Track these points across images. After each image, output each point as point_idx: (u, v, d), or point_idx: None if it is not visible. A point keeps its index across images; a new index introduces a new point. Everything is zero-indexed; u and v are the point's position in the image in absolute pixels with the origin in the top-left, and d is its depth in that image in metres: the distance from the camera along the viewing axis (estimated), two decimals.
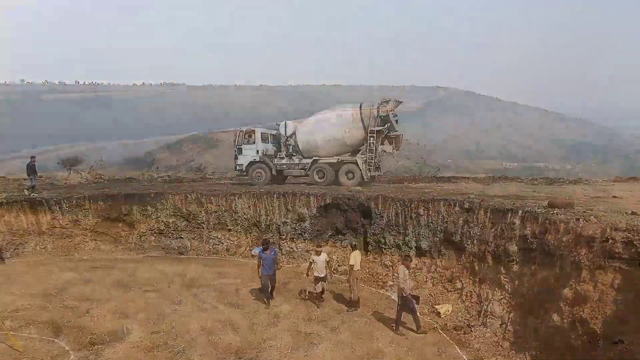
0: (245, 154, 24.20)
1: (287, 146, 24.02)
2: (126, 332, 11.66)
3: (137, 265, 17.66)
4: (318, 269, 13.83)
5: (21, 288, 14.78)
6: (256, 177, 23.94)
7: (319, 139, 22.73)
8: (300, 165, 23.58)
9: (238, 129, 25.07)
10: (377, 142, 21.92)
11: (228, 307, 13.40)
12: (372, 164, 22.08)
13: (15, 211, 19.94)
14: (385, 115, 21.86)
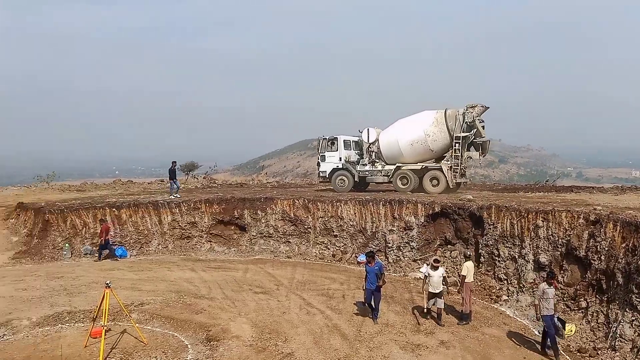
0: (328, 161, 24.65)
1: (369, 153, 24.10)
2: (238, 330, 12.11)
3: (247, 267, 18.40)
4: (434, 285, 12.88)
5: (146, 284, 16.00)
6: (339, 184, 24.20)
7: (402, 145, 22.56)
8: (383, 172, 23.54)
9: (321, 137, 25.33)
10: (463, 148, 21.62)
11: (335, 312, 13.41)
12: (457, 171, 21.75)
13: (141, 212, 21.71)
14: (471, 121, 21.41)
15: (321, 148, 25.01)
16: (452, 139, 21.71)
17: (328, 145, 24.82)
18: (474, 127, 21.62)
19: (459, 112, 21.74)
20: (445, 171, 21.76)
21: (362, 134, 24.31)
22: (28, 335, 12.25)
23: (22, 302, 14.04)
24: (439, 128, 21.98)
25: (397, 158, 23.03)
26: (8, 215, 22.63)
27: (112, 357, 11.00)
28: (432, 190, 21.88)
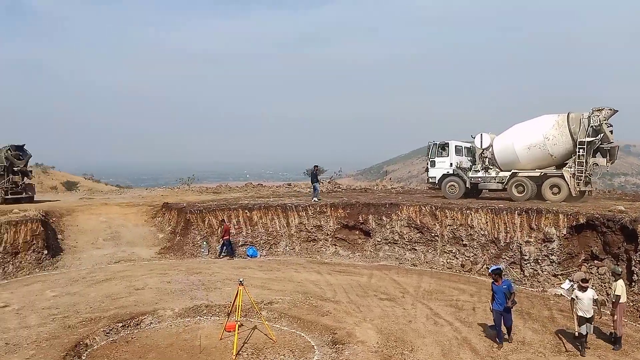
0: (439, 166, 24.08)
1: (482, 159, 23.42)
2: (363, 336, 12.02)
3: (372, 273, 18.29)
4: (583, 308, 11.26)
5: (274, 284, 16.62)
6: (449, 190, 23.51)
7: (519, 150, 21.50)
8: (497, 179, 22.57)
9: (431, 142, 24.78)
10: (588, 154, 20.18)
11: (465, 325, 12.75)
12: (581, 178, 20.31)
13: (271, 214, 22.68)
14: (597, 125, 20.01)
15: (431, 153, 24.60)
16: (575, 144, 20.35)
17: (439, 150, 24.35)
18: (601, 132, 20.17)
19: (583, 116, 20.39)
20: (568, 178, 20.43)
21: (475, 140, 23.59)
22: (171, 325, 13.35)
23: (167, 294, 15.35)
24: (560, 132, 20.66)
25: (513, 164, 21.96)
26: (155, 214, 25.01)
27: (244, 351, 11.53)
28: (553, 198, 20.61)
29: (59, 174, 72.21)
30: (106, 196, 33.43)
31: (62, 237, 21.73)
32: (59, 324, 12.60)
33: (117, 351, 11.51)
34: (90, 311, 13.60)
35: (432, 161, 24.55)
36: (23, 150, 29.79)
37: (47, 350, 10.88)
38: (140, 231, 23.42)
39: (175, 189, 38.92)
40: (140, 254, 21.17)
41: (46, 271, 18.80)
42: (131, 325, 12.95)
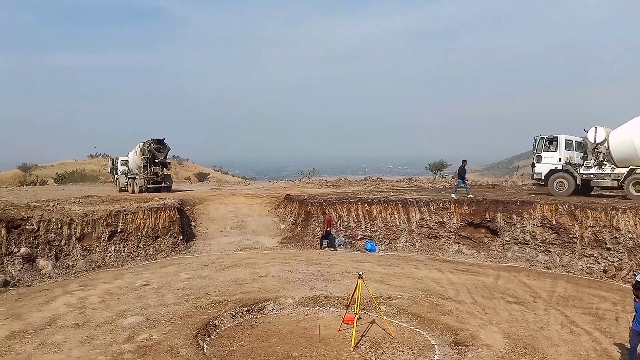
0: (545, 161, 23.08)
1: (596, 154, 22.05)
2: (488, 339, 11.29)
3: (498, 274, 17.20)
4: None
5: (393, 279, 16.32)
6: (557, 187, 22.53)
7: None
8: (612, 176, 21.20)
9: (538, 136, 23.63)
10: None
11: (605, 336, 11.41)
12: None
13: (391, 209, 22.36)
14: None
15: (538, 148, 23.44)
16: None
17: (546, 145, 23.17)
18: None
19: None
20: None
21: (588, 134, 22.13)
22: (292, 312, 13.67)
23: (288, 282, 15.78)
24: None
25: (632, 160, 20.36)
26: (278, 205, 25.94)
27: (362, 344, 11.42)
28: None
29: (192, 165, 78.42)
30: (233, 187, 35.50)
31: (195, 224, 23.42)
32: (192, 304, 13.52)
33: (242, 333, 12.05)
34: (218, 294, 14.43)
35: (538, 156, 23.46)
36: (163, 144, 32.69)
37: (181, 328, 11.71)
38: (263, 221, 24.45)
39: (297, 182, 40.20)
40: (263, 242, 22.10)
41: (181, 255, 20.42)
42: (255, 310, 13.49)
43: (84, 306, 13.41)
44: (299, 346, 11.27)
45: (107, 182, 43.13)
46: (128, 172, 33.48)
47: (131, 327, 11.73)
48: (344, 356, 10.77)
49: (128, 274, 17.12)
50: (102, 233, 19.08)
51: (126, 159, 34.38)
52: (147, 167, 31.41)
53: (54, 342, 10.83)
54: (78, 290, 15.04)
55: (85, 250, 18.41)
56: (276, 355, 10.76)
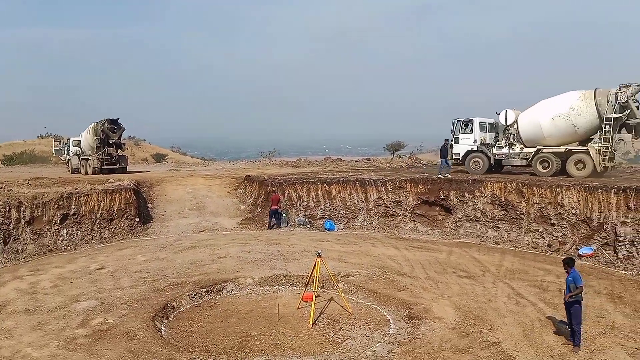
0: (462, 143, 24.39)
1: (507, 135, 23.70)
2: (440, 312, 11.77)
3: (451, 250, 17.82)
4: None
5: (351, 257, 16.67)
6: (473, 167, 23.94)
7: (545, 127, 21.61)
8: (521, 155, 22.84)
9: (455, 119, 24.91)
10: (614, 130, 20.30)
11: (549, 307, 12.07)
12: (606, 154, 20.51)
13: (349, 189, 22.67)
14: (624, 101, 20.17)
15: (455, 130, 24.73)
16: (601, 120, 20.40)
17: (462, 127, 24.54)
18: (628, 108, 20.24)
19: (610, 92, 20.43)
20: (593, 154, 20.56)
21: (500, 116, 23.70)
22: (251, 292, 13.83)
23: (247, 263, 15.89)
24: (586, 108, 20.72)
25: (538, 140, 22.11)
26: (238, 186, 25.86)
27: (320, 321, 11.71)
28: (577, 174, 20.77)
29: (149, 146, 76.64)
30: (192, 168, 35.09)
31: (152, 206, 23.11)
32: (149, 286, 13.46)
33: (201, 314, 12.13)
34: (176, 276, 14.40)
35: (456, 138, 24.72)
36: (117, 124, 31.89)
37: (138, 311, 11.67)
38: (223, 202, 24.35)
39: (257, 163, 40.05)
40: (223, 224, 22.05)
41: (137, 237, 20.15)
42: (214, 291, 13.57)
43: (35, 291, 13.13)
44: (258, 325, 11.45)
45: (59, 163, 41.78)
46: (80, 153, 32.56)
47: (85, 312, 11.59)
48: (302, 333, 11.03)
49: (82, 258, 16.81)
50: (53, 216, 18.58)
51: (78, 139, 33.39)
52: (100, 147, 30.62)
53: (4, 329, 10.62)
54: (28, 275, 14.68)
55: (35, 234, 17.90)
56: (235, 334, 10.91)
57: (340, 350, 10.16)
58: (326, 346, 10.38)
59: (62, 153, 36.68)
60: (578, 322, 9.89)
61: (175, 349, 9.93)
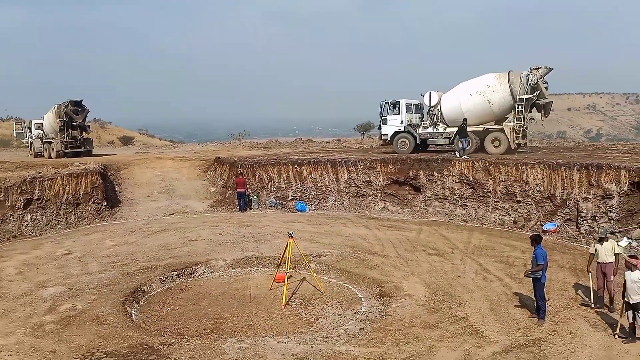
0: (390, 124, 25.08)
1: (431, 116, 24.50)
2: (411, 289, 12.00)
3: (421, 228, 18.12)
4: (631, 290, 9.26)
5: (323, 237, 16.78)
6: (400, 146, 24.62)
7: (465, 107, 22.69)
8: (444, 134, 23.77)
9: (383, 101, 25.47)
10: (526, 109, 21.85)
11: (515, 281, 12.45)
12: (519, 132, 22.13)
13: (320, 170, 22.71)
14: (535, 83, 21.62)
15: (383, 112, 25.36)
16: (515, 100, 21.78)
17: (390, 108, 25.19)
18: (538, 89, 21.76)
19: (522, 74, 21.83)
20: (508, 133, 21.97)
21: (424, 97, 24.52)
22: (223, 275, 13.82)
23: (218, 245, 15.83)
24: (500, 86, 22.01)
25: (459, 120, 22.78)
26: (207, 168, 25.60)
27: (292, 301, 11.82)
28: (494, 151, 22.11)
29: (115, 129, 74.93)
30: (160, 150, 34.53)
31: (120, 189, 22.69)
32: (118, 271, 13.28)
33: (172, 298, 12.07)
34: (147, 260, 14.24)
35: (384, 119, 25.37)
36: (81, 106, 30.98)
37: (107, 296, 11.52)
38: (193, 185, 24.09)
39: (227, 144, 39.68)
40: (193, 206, 21.84)
41: (105, 222, 19.79)
42: (185, 274, 13.51)
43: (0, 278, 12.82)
44: (230, 307, 11.47)
45: (21, 147, 40.52)
46: (43, 136, 31.60)
47: (52, 298, 11.38)
48: (275, 314, 11.12)
49: (48, 243, 16.44)
50: (16, 201, 18.07)
51: (41, 122, 32.38)
52: (64, 130, 29.76)
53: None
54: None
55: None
56: (208, 317, 10.91)
57: (313, 329, 10.29)
58: (299, 326, 10.49)
59: (24, 136, 35.58)
60: (541, 296, 10.24)
61: (147, 333, 9.87)
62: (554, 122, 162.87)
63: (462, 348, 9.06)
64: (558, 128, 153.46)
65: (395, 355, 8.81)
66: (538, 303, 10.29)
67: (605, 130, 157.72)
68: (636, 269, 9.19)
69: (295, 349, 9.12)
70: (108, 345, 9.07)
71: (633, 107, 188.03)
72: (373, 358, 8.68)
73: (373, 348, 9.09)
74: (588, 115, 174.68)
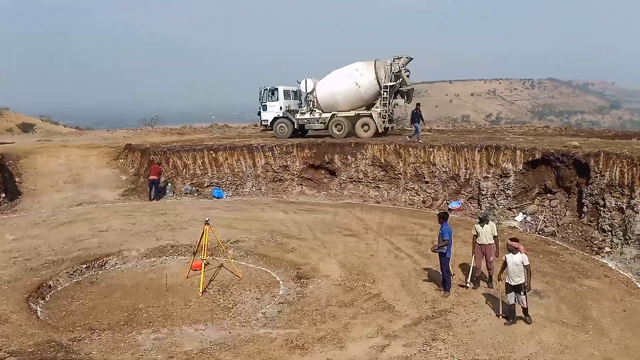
0: (270, 110, 26.17)
1: (307, 102, 25.58)
2: (327, 270, 12.38)
3: (337, 211, 18.62)
4: (513, 274, 9.43)
5: (241, 223, 16.75)
6: (279, 131, 25.79)
7: (337, 94, 24.00)
8: (320, 120, 24.97)
9: (262, 87, 26.39)
10: (390, 96, 23.48)
11: (424, 257, 13.24)
12: (385, 117, 23.75)
13: (237, 155, 22.52)
14: (397, 71, 23.16)
15: (263, 98, 26.22)
16: (381, 87, 23.25)
17: (269, 95, 26.10)
18: (400, 77, 23.40)
19: (386, 63, 23.26)
20: (375, 117, 23.52)
21: (301, 84, 25.38)
22: (137, 265, 13.43)
23: (131, 235, 15.32)
24: (368, 75, 23.38)
25: (333, 106, 24.41)
26: (118, 156, 24.49)
27: (210, 288, 11.78)
28: (364, 135, 23.61)
29: (13, 115, 69.21)
30: (65, 138, 32.49)
31: (20, 180, 21.15)
32: (21, 266, 12.48)
33: (82, 292, 11.57)
34: (52, 254, 13.48)
35: (264, 105, 26.28)
36: None
37: (8, 293, 10.83)
38: (102, 173, 22.97)
39: (138, 131, 38.06)
40: (103, 196, 20.86)
41: (4, 215, 18.35)
42: (95, 267, 12.98)
43: None
44: (145, 298, 11.22)
45: None
46: None
47: None
48: (192, 302, 11.03)
49: None
50: None
51: None
52: None
53: None
54: None
55: None
56: (121, 309, 10.60)
57: (231, 314, 10.35)
58: (217, 312, 10.51)
59: None
60: (447, 270, 10.98)
61: (54, 329, 9.44)
62: (459, 106, 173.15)
63: (376, 323, 9.57)
64: (462, 112, 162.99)
65: (312, 334, 9.13)
66: (444, 277, 11.03)
67: (504, 114, 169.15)
68: (517, 252, 9.46)
69: (213, 335, 9.16)
70: (12, 344, 8.60)
71: (529, 92, 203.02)
72: (291, 339, 8.94)
73: (291, 329, 9.36)
74: (489, 100, 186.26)
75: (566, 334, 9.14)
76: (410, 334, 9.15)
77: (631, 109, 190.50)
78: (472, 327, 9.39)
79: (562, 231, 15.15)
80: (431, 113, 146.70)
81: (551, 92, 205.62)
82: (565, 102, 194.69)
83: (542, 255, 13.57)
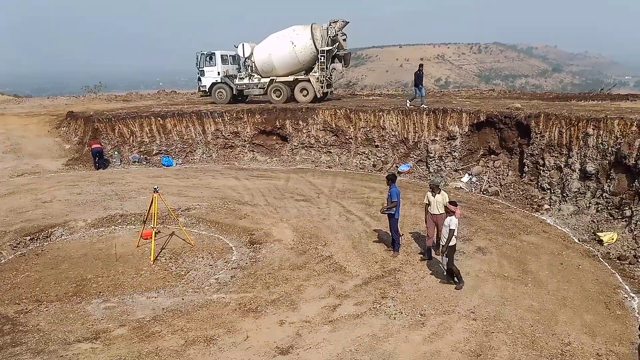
0: (208, 75, 25.56)
1: (246, 67, 25.24)
2: (280, 235, 12.52)
3: (289, 176, 18.69)
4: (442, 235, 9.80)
5: (191, 191, 16.57)
6: (218, 97, 25.41)
7: (275, 59, 23.71)
8: (259, 85, 24.80)
9: (199, 52, 25.83)
10: (328, 60, 23.42)
11: (374, 219, 13.57)
12: (323, 82, 23.63)
13: (186, 122, 22.05)
14: (334, 35, 23.12)
15: (200, 63, 25.65)
16: (318, 52, 23.08)
17: (206, 60, 25.57)
18: (337, 41, 23.32)
19: (323, 27, 23.05)
20: (313, 82, 23.32)
21: (238, 49, 24.92)
22: (84, 236, 13.12)
23: (77, 205, 14.89)
24: (304, 36, 23.05)
25: (271, 71, 24.20)
26: (59, 124, 23.50)
27: (162, 256, 11.70)
28: (303, 99, 23.57)
29: None
30: (2, 106, 30.76)
31: None
32: None
33: (27, 264, 11.25)
34: None
35: (201, 71, 25.67)
36: None
37: None
38: (43, 142, 22.03)
39: (81, 98, 36.46)
40: (45, 166, 20.07)
41: None
42: (40, 238, 12.60)
43: None
44: (94, 268, 11.03)
45: None
46: None
47: None
48: (144, 270, 10.94)
49: None
50: None
51: None
52: None
53: None
54: None
55: None
56: (69, 280, 10.40)
57: (183, 281, 10.35)
58: (169, 280, 10.47)
59: None
60: (396, 231, 11.32)
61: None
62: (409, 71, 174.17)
63: (327, 284, 9.82)
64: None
65: (265, 297, 9.29)
66: (393, 237, 11.37)
67: (452, 78, 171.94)
68: (453, 215, 9.40)
69: (165, 302, 9.17)
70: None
71: (476, 57, 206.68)
72: (244, 302, 9.07)
73: (244, 293, 9.48)
74: (438, 64, 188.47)
75: (507, 287, 9.68)
76: (360, 293, 9.46)
77: (572, 72, 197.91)
78: (419, 284, 9.80)
79: (505, 190, 15.84)
80: (382, 78, 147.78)
81: (497, 57, 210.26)
82: (511, 66, 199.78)
83: (485, 214, 14.17)
